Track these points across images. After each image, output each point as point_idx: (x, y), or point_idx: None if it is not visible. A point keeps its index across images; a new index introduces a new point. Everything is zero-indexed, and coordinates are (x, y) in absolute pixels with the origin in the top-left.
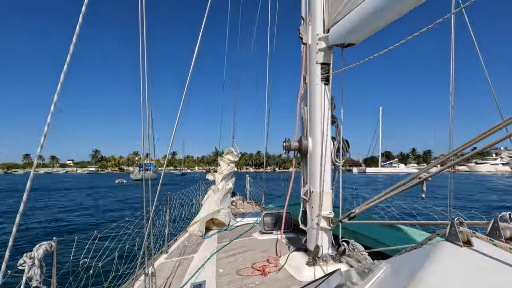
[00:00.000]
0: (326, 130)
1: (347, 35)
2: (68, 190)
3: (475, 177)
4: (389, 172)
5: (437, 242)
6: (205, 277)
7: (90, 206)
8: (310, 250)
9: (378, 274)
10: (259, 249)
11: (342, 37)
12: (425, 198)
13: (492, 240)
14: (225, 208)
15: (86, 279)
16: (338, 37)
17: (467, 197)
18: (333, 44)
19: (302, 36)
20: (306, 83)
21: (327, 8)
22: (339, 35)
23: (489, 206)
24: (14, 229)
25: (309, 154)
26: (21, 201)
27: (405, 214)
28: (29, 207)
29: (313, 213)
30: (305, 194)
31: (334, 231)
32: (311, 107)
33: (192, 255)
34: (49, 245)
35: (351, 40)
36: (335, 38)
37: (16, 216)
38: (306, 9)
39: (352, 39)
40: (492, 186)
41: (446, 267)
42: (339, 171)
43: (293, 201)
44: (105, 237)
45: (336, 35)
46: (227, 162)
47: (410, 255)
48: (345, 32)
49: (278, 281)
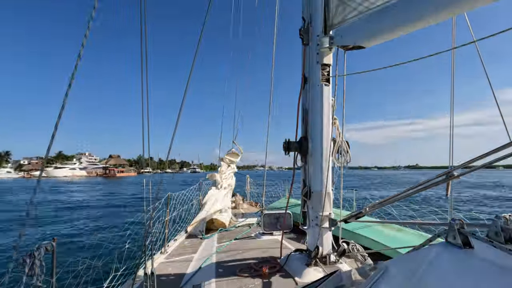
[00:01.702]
0: (326, 130)
1: (352, 39)
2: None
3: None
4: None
5: (437, 244)
6: (205, 277)
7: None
8: (310, 250)
9: (378, 275)
10: (259, 250)
11: (344, 40)
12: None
13: (492, 242)
14: (225, 209)
15: (86, 278)
16: (339, 39)
17: None
18: (336, 45)
19: (303, 36)
20: (306, 83)
21: (328, 9)
22: (341, 38)
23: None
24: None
25: (309, 154)
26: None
27: (405, 214)
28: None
29: (313, 213)
30: (305, 195)
31: (334, 232)
32: (312, 108)
33: (192, 255)
34: (49, 245)
35: (359, 43)
36: (337, 40)
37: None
38: (307, 9)
39: (357, 42)
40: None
41: (446, 269)
42: (340, 172)
43: (293, 202)
44: (106, 236)
45: (338, 37)
46: (227, 162)
47: (410, 257)
48: (349, 35)
49: (278, 282)
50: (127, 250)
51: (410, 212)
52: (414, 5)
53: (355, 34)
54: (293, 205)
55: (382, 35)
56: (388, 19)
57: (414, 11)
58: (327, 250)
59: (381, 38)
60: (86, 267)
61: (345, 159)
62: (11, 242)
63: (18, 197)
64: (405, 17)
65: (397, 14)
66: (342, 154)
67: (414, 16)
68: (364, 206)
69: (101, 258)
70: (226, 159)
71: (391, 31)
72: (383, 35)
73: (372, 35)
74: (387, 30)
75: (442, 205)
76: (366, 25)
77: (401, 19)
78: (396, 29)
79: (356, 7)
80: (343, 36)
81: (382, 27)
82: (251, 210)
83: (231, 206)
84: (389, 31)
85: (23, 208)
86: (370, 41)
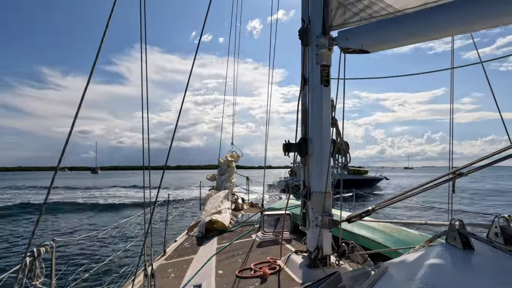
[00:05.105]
0: (326, 132)
1: (358, 42)
2: None
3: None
4: None
5: (437, 244)
6: (205, 279)
7: None
8: (310, 251)
9: (379, 276)
10: (259, 251)
11: (350, 42)
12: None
13: (492, 242)
14: (225, 210)
15: (86, 279)
16: (344, 41)
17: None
18: (340, 47)
19: (302, 37)
20: (306, 84)
21: (328, 11)
22: (346, 40)
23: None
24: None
25: (309, 155)
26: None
27: (405, 215)
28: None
29: (313, 214)
30: (305, 196)
31: (334, 233)
32: (311, 109)
33: (191, 256)
34: (49, 245)
35: (365, 48)
36: (341, 42)
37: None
38: (306, 10)
39: (364, 46)
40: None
41: (446, 270)
42: (339, 172)
43: (293, 203)
44: (105, 237)
45: (342, 39)
46: (227, 163)
47: (411, 257)
48: (355, 38)
49: (278, 283)
50: (126, 251)
51: (411, 212)
52: (423, 21)
53: (361, 38)
54: (293, 206)
55: (388, 43)
56: (396, 28)
57: (423, 26)
58: (327, 251)
59: (388, 46)
60: (86, 268)
61: (345, 159)
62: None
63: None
64: (413, 30)
65: (406, 24)
66: (342, 155)
67: (421, 30)
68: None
69: (101, 259)
70: (226, 159)
71: (399, 40)
72: (389, 43)
73: (380, 41)
74: (395, 39)
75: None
76: (373, 31)
77: (410, 32)
78: (404, 39)
79: (358, 12)
80: (348, 38)
81: (389, 35)
82: (251, 211)
83: (231, 207)
84: (396, 40)
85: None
86: (376, 47)
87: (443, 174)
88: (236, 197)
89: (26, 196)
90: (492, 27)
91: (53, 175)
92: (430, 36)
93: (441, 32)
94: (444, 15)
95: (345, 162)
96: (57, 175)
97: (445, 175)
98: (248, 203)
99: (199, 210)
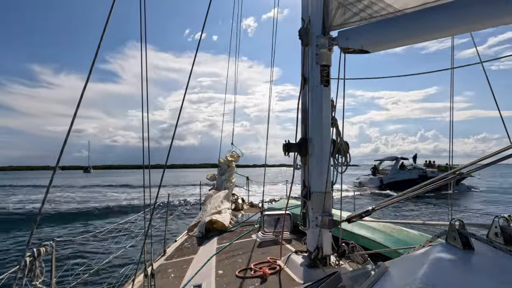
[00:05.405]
0: (326, 131)
1: (358, 42)
2: None
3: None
4: None
5: (437, 244)
6: (205, 279)
7: None
8: (310, 251)
9: (379, 276)
10: (259, 251)
11: (350, 42)
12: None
13: (492, 242)
14: (225, 210)
15: (86, 279)
16: (344, 41)
17: None
18: (340, 47)
19: (302, 37)
20: (306, 84)
21: (328, 11)
22: (346, 40)
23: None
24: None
25: (309, 155)
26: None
27: (406, 215)
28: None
29: (313, 214)
30: (305, 196)
31: (334, 233)
32: (311, 109)
33: (191, 256)
34: (49, 245)
35: (365, 48)
36: (341, 42)
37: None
38: (306, 10)
39: (364, 46)
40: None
41: (446, 270)
42: (339, 172)
43: (293, 203)
44: (105, 237)
45: (342, 39)
46: (227, 163)
47: (411, 257)
48: (355, 38)
49: (278, 283)
50: (126, 251)
51: (411, 212)
52: (422, 20)
53: (361, 38)
54: (293, 206)
55: (388, 43)
56: (396, 28)
57: (423, 25)
58: (327, 251)
59: (388, 46)
60: (86, 268)
61: (345, 159)
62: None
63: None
64: (413, 30)
65: (406, 24)
66: (342, 154)
67: (421, 30)
68: (355, 208)
69: (101, 259)
70: (226, 159)
71: (399, 40)
72: (389, 43)
73: (380, 41)
74: (395, 39)
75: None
76: (373, 31)
77: (410, 32)
78: (404, 39)
79: (358, 12)
80: (348, 38)
81: (389, 35)
82: (251, 211)
83: (231, 207)
84: (396, 40)
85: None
86: (376, 47)
87: (443, 174)
88: (236, 197)
89: (18, 197)
90: (492, 27)
91: (52, 175)
92: (430, 36)
93: (441, 32)
94: (444, 15)
95: (345, 162)
96: (47, 174)
97: (445, 175)
98: (248, 203)
99: (199, 210)
